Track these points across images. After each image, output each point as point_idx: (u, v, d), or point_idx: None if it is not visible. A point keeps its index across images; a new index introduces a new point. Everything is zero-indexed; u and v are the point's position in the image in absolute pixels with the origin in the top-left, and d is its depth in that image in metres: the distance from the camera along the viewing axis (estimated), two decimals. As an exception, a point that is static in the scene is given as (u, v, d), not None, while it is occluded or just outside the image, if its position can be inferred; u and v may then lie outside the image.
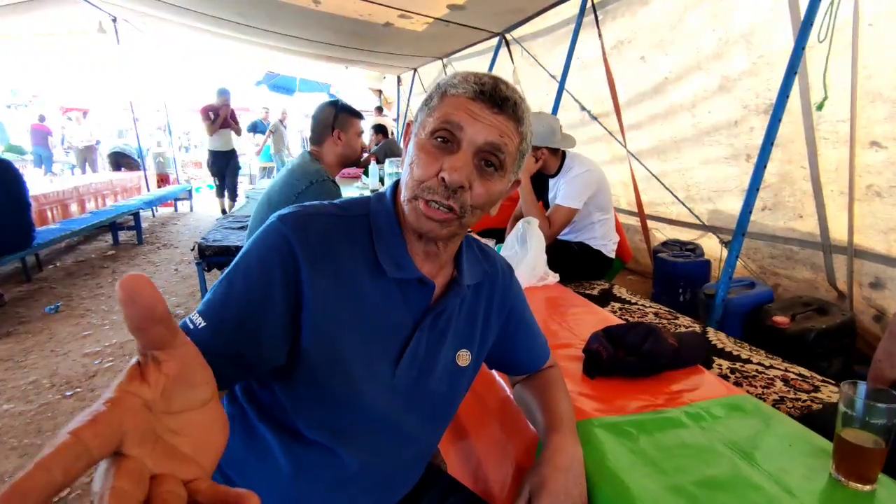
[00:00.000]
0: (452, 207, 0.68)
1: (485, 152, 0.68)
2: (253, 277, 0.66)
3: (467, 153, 0.67)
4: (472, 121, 0.67)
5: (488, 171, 0.69)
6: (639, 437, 0.90)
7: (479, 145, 0.67)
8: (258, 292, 0.66)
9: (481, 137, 0.67)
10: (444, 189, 0.67)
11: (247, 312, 0.65)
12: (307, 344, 0.68)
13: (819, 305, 2.37)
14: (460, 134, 0.67)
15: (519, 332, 0.93)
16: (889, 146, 2.12)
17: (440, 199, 0.67)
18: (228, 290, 0.66)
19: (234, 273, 0.67)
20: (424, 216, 0.68)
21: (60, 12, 5.37)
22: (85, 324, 3.28)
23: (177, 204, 8.16)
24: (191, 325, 0.65)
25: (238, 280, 0.66)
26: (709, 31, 2.60)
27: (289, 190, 1.84)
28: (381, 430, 0.76)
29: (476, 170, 0.68)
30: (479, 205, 0.70)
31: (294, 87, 11.16)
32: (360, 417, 0.74)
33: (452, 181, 0.66)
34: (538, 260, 1.81)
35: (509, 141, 0.69)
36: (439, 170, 0.67)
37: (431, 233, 0.69)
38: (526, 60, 4.38)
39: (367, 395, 0.73)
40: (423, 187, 0.68)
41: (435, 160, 0.68)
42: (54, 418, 2.19)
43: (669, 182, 3.27)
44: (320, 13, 4.20)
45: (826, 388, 1.40)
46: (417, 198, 0.68)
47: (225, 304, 0.66)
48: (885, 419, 0.74)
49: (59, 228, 4.34)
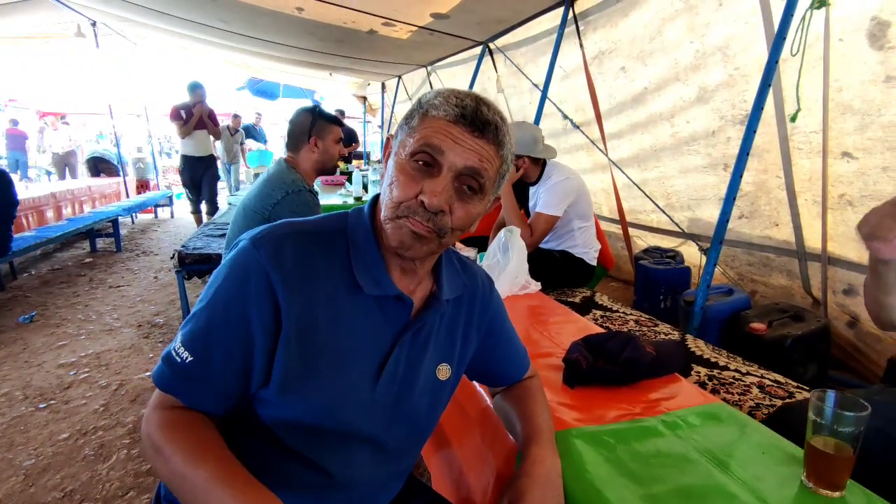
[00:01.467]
0: (432, 228, 0.68)
1: (465, 176, 0.68)
2: (232, 306, 0.67)
3: (447, 177, 0.67)
4: (452, 145, 0.67)
5: (468, 195, 0.70)
6: (616, 447, 0.91)
7: (460, 169, 0.68)
8: (238, 323, 0.67)
9: (461, 162, 0.67)
10: (423, 211, 0.67)
11: (231, 343, 0.67)
12: (286, 363, 0.68)
13: (795, 312, 2.42)
14: (441, 158, 0.67)
15: (499, 344, 0.94)
16: (860, 157, 2.18)
17: (420, 220, 0.68)
18: (209, 320, 0.68)
19: (214, 301, 0.68)
20: (410, 231, 0.68)
21: (38, 17, 5.28)
22: (60, 333, 3.20)
23: (157, 210, 8.04)
24: (177, 357, 0.67)
25: (219, 310, 0.68)
26: (686, 44, 2.66)
27: (265, 201, 1.79)
28: (361, 446, 0.76)
29: (456, 193, 0.69)
30: (459, 227, 0.71)
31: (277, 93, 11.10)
32: (340, 434, 0.74)
33: (432, 205, 0.66)
34: (520, 269, 1.82)
35: (489, 165, 0.69)
36: (419, 192, 0.67)
37: (412, 250, 0.70)
38: (509, 69, 4.43)
39: (347, 413, 0.73)
40: (403, 207, 0.68)
41: (415, 182, 0.68)
42: (27, 431, 2.14)
43: (650, 190, 3.32)
44: (304, 20, 4.19)
45: (800, 393, 1.43)
46: (399, 217, 0.69)
47: (208, 336, 0.67)
48: (852, 427, 0.76)
49: (35, 236, 4.25)
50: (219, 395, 0.69)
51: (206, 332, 0.67)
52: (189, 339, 0.67)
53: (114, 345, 3.03)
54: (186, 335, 0.68)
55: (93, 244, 5.52)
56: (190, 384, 0.67)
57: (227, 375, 0.68)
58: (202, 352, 0.67)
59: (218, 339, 0.67)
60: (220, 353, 0.67)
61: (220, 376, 0.67)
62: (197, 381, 0.67)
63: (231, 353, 0.67)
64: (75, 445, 2.05)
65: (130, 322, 3.41)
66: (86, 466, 1.92)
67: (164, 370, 0.68)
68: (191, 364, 0.66)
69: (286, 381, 0.69)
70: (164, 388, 0.68)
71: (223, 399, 0.70)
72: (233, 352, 0.67)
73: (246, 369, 0.68)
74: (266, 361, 0.68)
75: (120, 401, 2.39)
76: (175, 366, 0.67)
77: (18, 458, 1.96)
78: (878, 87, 1.99)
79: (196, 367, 0.66)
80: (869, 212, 0.94)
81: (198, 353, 0.67)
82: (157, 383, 0.69)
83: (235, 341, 0.67)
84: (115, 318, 3.49)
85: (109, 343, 3.06)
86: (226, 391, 0.69)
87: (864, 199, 2.23)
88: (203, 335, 0.67)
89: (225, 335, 0.67)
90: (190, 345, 0.67)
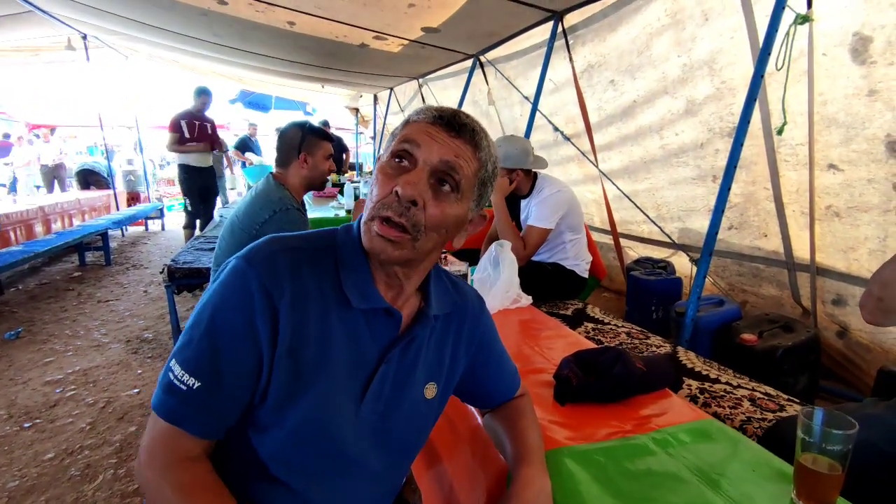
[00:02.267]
0: (405, 226, 0.68)
1: (440, 171, 0.69)
2: (238, 328, 0.67)
3: (423, 170, 0.69)
4: (429, 140, 0.69)
5: (444, 192, 0.70)
6: (607, 466, 0.90)
7: (435, 164, 0.69)
8: (244, 343, 0.67)
9: (436, 156, 0.69)
10: (397, 204, 0.68)
11: (238, 365, 0.67)
12: (280, 378, 0.68)
13: (785, 322, 2.43)
14: (417, 152, 0.69)
15: (489, 363, 0.94)
16: (845, 169, 2.21)
17: (393, 216, 0.67)
18: (213, 344, 0.66)
19: (214, 323, 0.67)
20: (377, 235, 0.69)
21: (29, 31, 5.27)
22: (47, 350, 3.16)
23: (147, 222, 7.98)
24: (182, 385, 0.66)
25: (222, 332, 0.67)
26: (674, 57, 2.69)
27: (252, 219, 1.77)
28: (347, 465, 0.75)
29: (431, 189, 0.69)
30: (432, 225, 0.70)
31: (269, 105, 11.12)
32: (326, 452, 0.73)
33: (405, 194, 0.67)
34: (511, 282, 1.82)
35: (465, 164, 0.70)
36: (395, 186, 0.68)
37: (384, 253, 0.69)
38: (500, 82, 4.46)
39: (333, 429, 0.72)
40: (380, 204, 0.69)
41: (392, 179, 0.69)
42: (11, 452, 2.09)
43: (640, 201, 3.34)
44: (295, 34, 4.20)
45: (791, 406, 1.44)
46: (374, 218, 0.69)
47: (214, 360, 0.66)
48: (841, 445, 0.76)
49: (22, 251, 4.19)
50: (224, 420, 0.69)
51: (213, 356, 0.66)
52: (194, 365, 0.66)
53: (101, 361, 2.99)
54: (189, 361, 0.66)
55: (82, 258, 5.47)
56: (198, 412, 0.66)
57: (236, 397, 0.68)
58: (211, 376, 0.66)
59: (228, 361, 0.66)
60: (231, 376, 0.67)
61: (230, 399, 0.68)
62: (206, 407, 0.66)
63: (241, 373, 0.67)
64: (61, 466, 2.01)
65: (119, 337, 3.37)
66: (71, 487, 1.88)
67: (168, 400, 0.66)
68: (199, 390, 0.65)
69: (280, 397, 0.68)
70: (171, 419, 0.66)
71: (226, 424, 0.70)
72: (243, 372, 0.67)
73: (254, 389, 0.69)
74: (267, 378, 0.68)
75: (107, 419, 2.35)
76: (181, 394, 0.66)
77: (2, 479, 1.92)
78: (862, 101, 2.02)
79: (205, 392, 0.66)
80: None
81: (206, 378, 0.66)
82: (161, 415, 0.66)
83: (245, 361, 0.67)
84: (103, 333, 3.45)
85: (97, 359, 3.02)
86: (232, 415, 0.69)
87: (851, 210, 2.26)
88: (210, 359, 0.66)
89: (234, 356, 0.67)
90: (195, 370, 0.66)
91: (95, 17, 4.70)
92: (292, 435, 0.70)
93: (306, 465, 0.72)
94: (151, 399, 0.69)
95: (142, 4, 3.89)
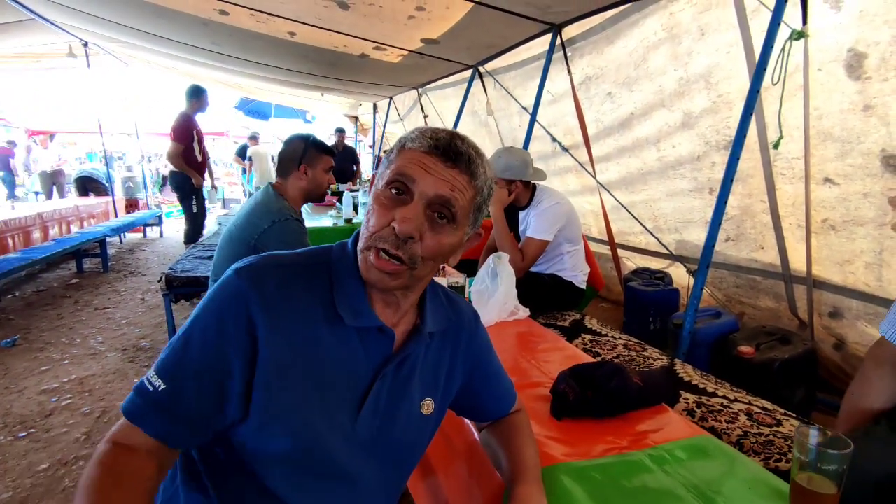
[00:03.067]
0: (402, 258, 0.68)
1: (436, 205, 0.69)
2: (210, 336, 0.67)
3: (419, 205, 0.69)
4: (424, 174, 0.69)
5: (440, 223, 0.70)
6: (603, 483, 0.90)
7: (430, 198, 0.69)
8: (214, 350, 0.66)
9: (432, 190, 0.69)
10: (394, 238, 0.68)
11: (205, 371, 0.66)
12: (263, 397, 0.68)
13: (782, 335, 2.44)
14: (413, 186, 0.69)
15: (485, 379, 0.94)
16: (841, 182, 2.22)
17: (390, 249, 0.68)
18: (185, 348, 0.67)
19: (192, 330, 0.68)
20: (374, 267, 0.69)
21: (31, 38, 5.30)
22: (43, 358, 3.14)
23: (146, 229, 7.98)
24: (149, 386, 0.66)
25: (195, 338, 0.67)
26: (671, 71, 2.72)
27: (251, 230, 1.78)
28: (343, 481, 0.75)
29: (427, 221, 0.70)
30: (429, 256, 0.70)
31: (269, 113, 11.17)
32: (320, 470, 0.73)
33: (402, 231, 0.67)
34: (509, 295, 1.82)
35: (460, 195, 0.70)
36: (392, 219, 0.68)
37: (381, 283, 0.70)
38: (499, 92, 4.49)
39: (327, 447, 0.72)
40: (376, 237, 0.69)
41: (388, 211, 0.69)
42: (4, 462, 2.08)
43: (638, 212, 3.36)
44: (296, 44, 4.23)
45: (788, 421, 1.44)
46: (370, 248, 0.70)
47: (182, 363, 0.66)
48: (836, 465, 0.76)
49: (20, 258, 4.19)
50: (187, 428, 0.67)
51: (180, 360, 0.67)
52: (163, 367, 0.67)
53: (98, 370, 2.98)
54: (161, 363, 0.67)
55: (79, 265, 5.46)
56: (158, 413, 0.65)
57: (198, 405, 0.66)
58: (175, 380, 0.66)
59: (192, 367, 0.66)
60: (193, 382, 0.66)
61: (191, 406, 0.66)
62: (166, 410, 0.65)
63: (204, 381, 0.66)
64: (55, 476, 2.00)
65: (115, 346, 3.36)
66: (65, 499, 1.87)
67: (135, 399, 0.66)
68: (163, 392, 0.65)
69: (265, 415, 0.68)
70: (130, 416, 0.66)
71: (190, 432, 0.68)
72: (206, 380, 0.66)
73: (219, 400, 0.67)
74: (242, 393, 0.68)
75: (102, 429, 2.34)
76: (146, 395, 0.66)
77: (-5, 490, 1.91)
78: (857, 116, 2.04)
79: (167, 395, 0.65)
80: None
81: (170, 381, 0.66)
82: (124, 412, 0.67)
83: (210, 370, 0.66)
84: (99, 341, 3.44)
85: (93, 368, 3.01)
86: (195, 423, 0.67)
87: (847, 223, 2.27)
88: (177, 363, 0.67)
89: (200, 363, 0.66)
90: (163, 373, 0.66)
91: (96, 25, 4.73)
92: (285, 452, 0.70)
93: (302, 481, 0.72)
94: None
95: (143, 13, 3.92)
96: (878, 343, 1.12)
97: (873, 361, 1.13)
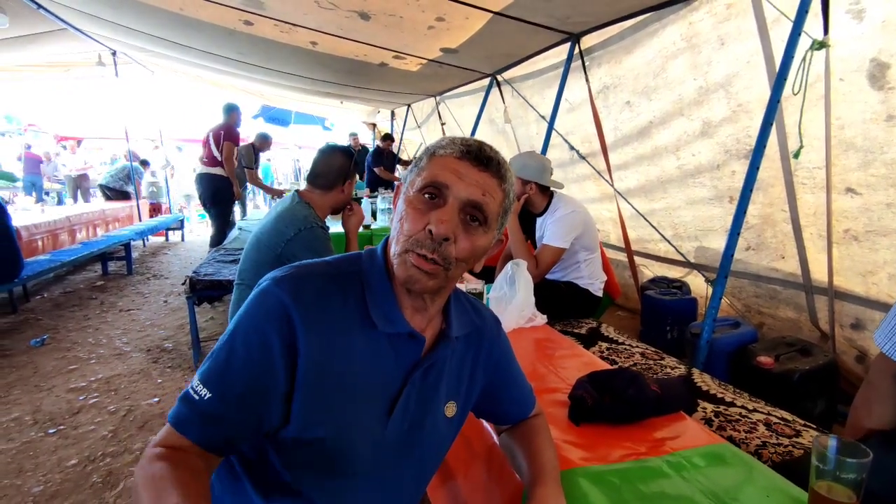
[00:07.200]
0: (437, 260, 0.71)
1: (469, 208, 0.73)
2: (253, 345, 0.69)
3: (453, 208, 0.72)
4: (457, 180, 0.72)
5: (473, 226, 0.74)
6: (621, 488, 0.91)
7: (464, 201, 0.72)
8: (259, 360, 0.68)
9: (465, 195, 0.72)
10: (430, 241, 0.71)
11: (250, 380, 0.68)
12: (301, 402, 0.70)
13: (802, 346, 2.41)
14: (447, 192, 0.72)
15: (505, 383, 0.96)
16: (864, 193, 2.20)
17: (427, 252, 0.71)
18: (230, 357, 0.69)
19: (234, 339, 0.70)
20: (413, 265, 0.71)
21: (62, 46, 5.48)
22: (71, 357, 3.24)
23: (168, 233, 8.15)
24: (195, 395, 0.68)
25: (239, 348, 0.69)
26: (690, 80, 2.72)
27: (278, 237, 1.82)
28: (370, 483, 0.78)
29: (461, 224, 0.73)
30: (463, 258, 0.73)
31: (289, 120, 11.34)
32: (351, 471, 0.75)
33: (439, 233, 0.70)
34: (526, 301, 1.84)
35: (491, 199, 0.74)
36: (427, 223, 0.71)
37: (419, 284, 0.72)
38: (516, 100, 4.52)
39: (358, 449, 0.75)
40: (413, 241, 0.72)
41: (423, 215, 0.72)
42: (36, 457, 2.15)
43: (656, 220, 3.35)
44: (317, 53, 4.32)
45: (807, 432, 1.43)
46: (408, 251, 0.72)
47: (228, 372, 0.68)
48: (855, 474, 0.77)
49: (49, 260, 4.32)
50: (231, 434, 0.69)
51: (225, 368, 0.68)
52: (207, 376, 0.68)
53: (123, 369, 3.06)
54: (205, 373, 0.69)
55: (104, 267, 5.61)
56: (205, 421, 0.67)
57: (244, 411, 0.68)
58: (221, 388, 0.67)
59: (238, 375, 0.68)
60: (239, 389, 0.68)
61: (237, 412, 0.68)
62: (212, 418, 0.67)
63: (250, 388, 0.68)
64: (83, 472, 2.06)
65: (140, 346, 3.44)
66: (93, 494, 1.93)
67: (182, 409, 0.68)
68: (209, 400, 0.67)
69: (306, 418, 0.70)
70: (176, 424, 0.68)
71: (234, 439, 0.70)
72: (252, 387, 0.68)
73: (262, 408, 0.69)
74: (284, 400, 0.70)
75: (128, 427, 2.41)
76: (193, 403, 0.68)
77: (27, 484, 1.98)
78: (880, 126, 2.02)
79: (215, 403, 0.67)
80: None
81: (216, 390, 0.67)
82: (171, 421, 0.68)
83: (256, 377, 0.68)
84: (124, 342, 3.53)
85: (119, 367, 3.09)
86: (240, 429, 0.69)
87: (869, 234, 2.25)
88: (223, 371, 0.68)
89: (246, 370, 0.68)
90: (208, 382, 0.68)
91: (125, 34, 4.89)
92: (318, 453, 0.73)
93: (331, 482, 0.75)
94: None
95: (172, 24, 4.04)
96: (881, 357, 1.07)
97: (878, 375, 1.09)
